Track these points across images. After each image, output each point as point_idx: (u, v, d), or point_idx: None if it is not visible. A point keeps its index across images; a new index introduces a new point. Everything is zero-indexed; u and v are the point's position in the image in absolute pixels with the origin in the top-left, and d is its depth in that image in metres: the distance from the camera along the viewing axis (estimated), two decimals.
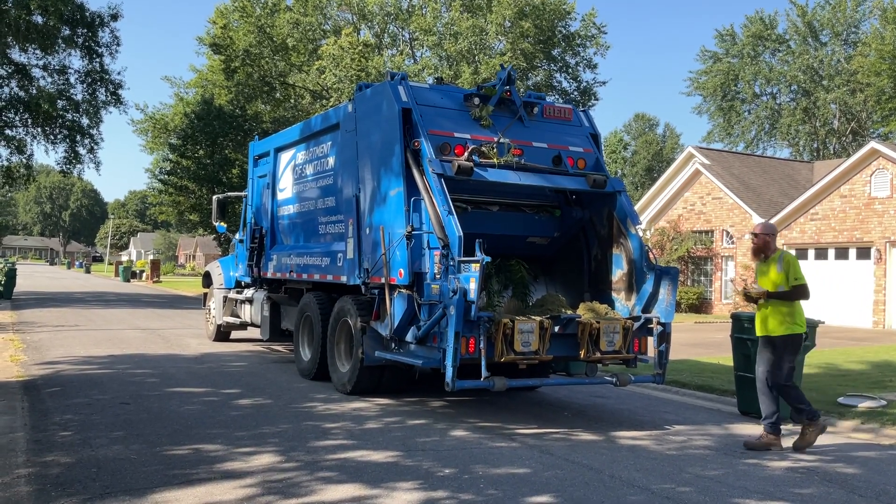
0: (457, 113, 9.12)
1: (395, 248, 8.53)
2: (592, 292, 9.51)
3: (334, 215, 10.39)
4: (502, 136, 8.90)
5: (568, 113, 9.86)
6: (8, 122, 29.66)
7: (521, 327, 7.82)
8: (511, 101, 9.40)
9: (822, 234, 25.48)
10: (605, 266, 9.41)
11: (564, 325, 8.27)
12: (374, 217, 9.07)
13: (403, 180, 8.47)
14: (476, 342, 7.63)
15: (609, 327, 8.36)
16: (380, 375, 9.52)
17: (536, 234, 9.73)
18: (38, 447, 6.91)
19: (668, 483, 6.33)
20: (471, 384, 7.74)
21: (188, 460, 6.57)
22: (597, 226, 9.55)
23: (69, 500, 5.42)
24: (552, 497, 5.81)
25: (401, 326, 8.49)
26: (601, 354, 8.35)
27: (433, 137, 8.59)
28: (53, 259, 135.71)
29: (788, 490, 6.31)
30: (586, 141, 9.74)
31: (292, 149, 11.95)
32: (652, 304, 8.82)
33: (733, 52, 56.05)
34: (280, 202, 12.28)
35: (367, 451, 7.00)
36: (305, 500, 5.52)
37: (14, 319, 20.42)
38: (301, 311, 11.15)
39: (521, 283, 9.49)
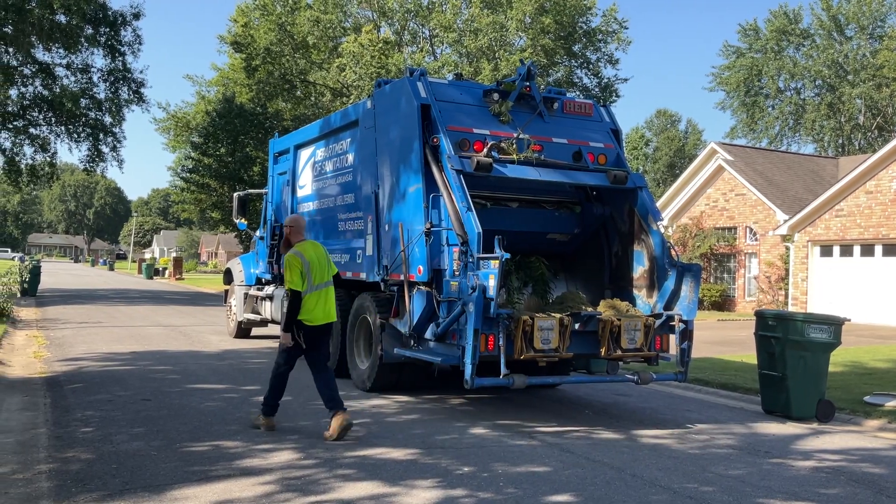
0: (476, 109, 9.04)
1: (413, 244, 8.47)
2: (613, 289, 9.41)
3: (353, 212, 10.40)
4: (522, 132, 8.84)
5: (588, 108, 9.77)
6: (32, 121, 29.96)
7: (541, 324, 7.75)
8: (531, 97, 9.33)
9: (848, 230, 25.14)
10: (626, 263, 9.30)
11: (585, 323, 8.19)
12: (393, 214, 9.03)
13: (422, 177, 8.43)
14: (495, 339, 7.58)
15: (630, 325, 8.26)
16: (399, 372, 9.48)
17: (556, 230, 9.66)
18: (59, 443, 6.94)
19: (690, 482, 6.25)
20: (490, 382, 7.68)
21: (207, 457, 6.57)
22: (617, 222, 9.45)
23: (89, 496, 5.44)
24: (572, 496, 5.74)
25: (420, 323, 8.46)
26: (622, 352, 8.26)
27: (452, 133, 8.52)
28: (78, 256, 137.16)
29: (814, 490, 6.21)
30: (607, 136, 9.64)
31: (312, 146, 11.97)
32: (674, 301, 8.73)
33: (757, 47, 55.48)
34: (300, 199, 12.33)
35: (385, 449, 6.97)
36: (324, 498, 5.50)
37: (38, 316, 20.63)
38: None
39: (541, 280, 9.42)
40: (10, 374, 10.97)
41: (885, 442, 8.32)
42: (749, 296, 30.47)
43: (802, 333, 9.13)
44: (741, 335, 18.98)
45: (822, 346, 9.22)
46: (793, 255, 26.99)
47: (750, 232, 30.61)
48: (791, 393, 9.29)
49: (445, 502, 5.48)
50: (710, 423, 8.91)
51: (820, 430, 8.85)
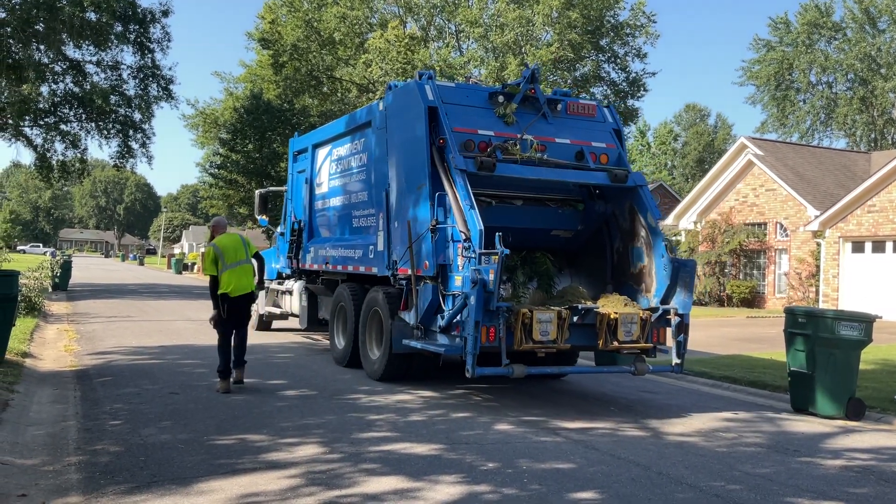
0: (482, 111, 9.36)
1: (420, 240, 8.84)
2: (615, 284, 9.68)
3: (366, 209, 10.75)
4: (525, 133, 9.14)
5: (592, 109, 10.05)
6: (63, 118, 30.35)
7: (540, 317, 8.10)
8: (535, 99, 9.63)
9: (880, 226, 24.75)
10: (627, 258, 9.59)
11: (583, 316, 8.49)
12: (402, 211, 9.38)
13: (429, 176, 8.78)
14: (496, 331, 7.90)
15: (627, 318, 8.56)
16: (408, 363, 9.85)
17: (560, 227, 9.95)
18: (88, 436, 7.03)
19: (717, 481, 6.19)
20: (490, 371, 8.05)
21: (234, 450, 6.62)
22: (619, 219, 9.73)
23: (117, 488, 5.50)
24: (597, 493, 5.71)
25: (426, 316, 8.84)
26: (619, 344, 8.55)
27: (457, 135, 8.86)
28: (108, 252, 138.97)
29: (843, 489, 6.12)
30: (609, 137, 9.91)
31: (328, 145, 12.31)
32: (670, 295, 8.96)
33: (787, 41, 54.77)
34: (317, 196, 12.72)
35: (410, 444, 6.97)
36: (348, 492, 5.52)
37: (69, 310, 20.93)
38: (336, 301, 11.50)
39: (545, 274, 9.71)
40: (42, 367, 11.14)
41: None
42: (779, 292, 30.11)
43: (833, 331, 9.01)
44: (771, 332, 18.78)
45: (853, 344, 9.09)
46: (824, 251, 26.63)
47: (780, 228, 30.24)
48: (821, 391, 9.17)
49: (469, 498, 5.47)
50: (737, 422, 8.82)
51: (850, 428, 8.73)
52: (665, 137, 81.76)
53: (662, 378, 12.04)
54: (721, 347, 15.58)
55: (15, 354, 11.22)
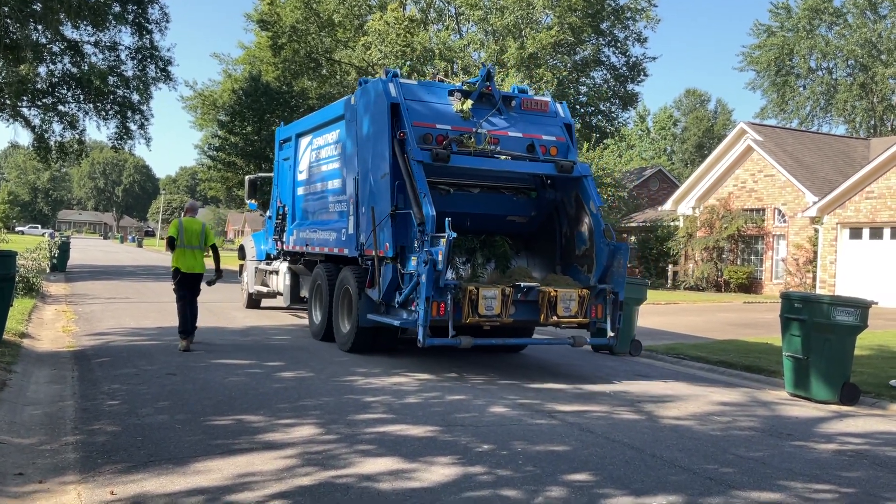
0: (441, 107, 10.22)
1: (383, 225, 9.72)
2: (562, 265, 10.64)
3: (340, 195, 11.66)
4: (480, 127, 10.04)
5: (544, 105, 10.90)
6: (61, 98, 30.25)
7: (485, 293, 8.98)
8: (491, 96, 10.48)
9: (878, 212, 24.77)
10: (573, 242, 10.51)
11: (526, 293, 9.33)
12: (368, 197, 10.26)
13: (390, 166, 9.63)
14: (446, 306, 8.78)
15: (565, 295, 9.42)
16: (374, 336, 10.76)
17: (515, 213, 10.87)
18: (85, 416, 7.06)
19: (711, 464, 6.23)
20: (440, 341, 8.87)
21: (231, 431, 6.65)
22: (567, 206, 10.62)
23: (114, 468, 5.53)
24: (591, 475, 5.75)
25: (388, 293, 9.73)
26: (558, 318, 9.39)
27: (417, 129, 9.72)
28: (107, 233, 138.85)
29: (835, 473, 6.16)
30: (560, 130, 10.75)
31: (309, 135, 13.24)
32: (607, 275, 9.83)
33: (788, 26, 54.54)
34: (299, 182, 13.67)
35: (405, 426, 7.01)
36: (344, 472, 5.55)
37: (67, 291, 20.95)
38: (314, 280, 12.51)
39: (503, 256, 10.65)
40: (39, 347, 11.17)
41: None
42: (776, 278, 30.17)
43: (828, 316, 9.04)
44: (767, 318, 18.83)
45: (848, 329, 9.12)
46: (821, 237, 26.66)
47: (778, 213, 30.26)
48: (815, 376, 9.21)
49: (464, 479, 5.51)
50: (732, 406, 8.87)
51: (844, 413, 8.78)
52: (665, 122, 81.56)
53: (658, 362, 12.09)
54: (717, 332, 15.63)
55: (13, 335, 11.24)
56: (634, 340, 12.58)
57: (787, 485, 5.76)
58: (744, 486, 5.65)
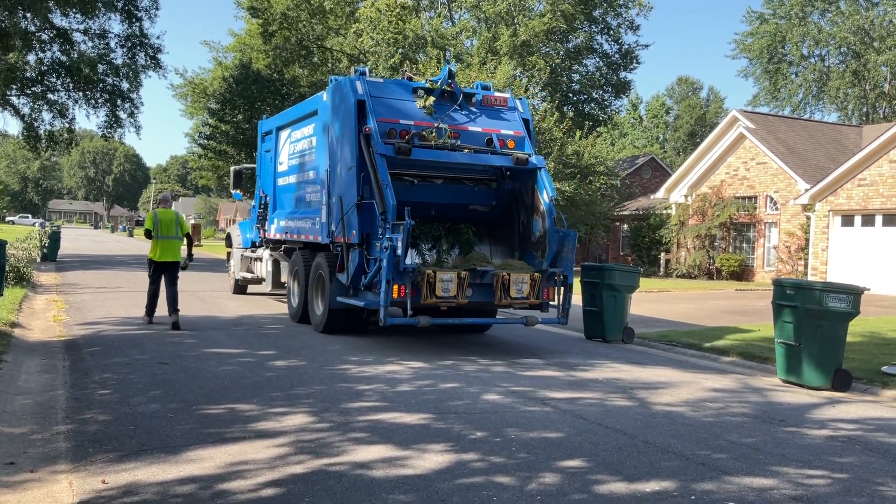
0: (405, 103, 10.85)
1: (349, 213, 10.40)
2: (520, 251, 11.33)
3: (314, 186, 12.32)
4: (441, 122, 10.69)
5: (504, 101, 11.61)
6: (50, 87, 30.03)
7: (442, 277, 9.64)
8: (453, 93, 11.16)
9: (870, 200, 24.83)
10: (529, 229, 11.19)
11: (481, 276, 10.04)
12: (337, 188, 10.94)
13: (356, 159, 10.28)
14: (406, 288, 9.49)
15: (518, 278, 10.12)
16: (345, 318, 11.47)
17: (477, 202, 11.59)
18: (77, 405, 7.03)
19: (703, 450, 6.24)
20: (399, 321, 9.67)
21: (223, 419, 6.63)
22: (524, 196, 11.30)
23: (106, 456, 5.51)
24: (584, 461, 5.75)
25: (355, 277, 10.43)
26: (511, 300, 10.13)
27: (381, 124, 10.37)
28: (97, 223, 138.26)
29: (827, 458, 6.18)
30: (518, 125, 11.43)
31: (288, 128, 13.93)
32: (558, 260, 10.52)
33: (781, 13, 54.48)
34: (280, 173, 14.33)
35: (398, 414, 7.00)
36: (336, 460, 5.54)
37: (58, 281, 20.85)
38: (292, 266, 13.16)
39: (466, 243, 11.33)
40: (30, 337, 11.11)
41: None
42: (768, 266, 30.26)
43: (820, 303, 9.05)
44: (759, 305, 18.89)
45: (840, 316, 9.14)
46: (813, 224, 26.73)
47: (770, 201, 30.31)
48: (808, 362, 9.24)
49: (457, 466, 5.50)
50: (724, 392, 8.89)
51: (836, 399, 8.81)
52: (657, 111, 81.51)
53: (650, 349, 12.12)
54: (709, 319, 15.67)
55: (3, 324, 11.18)
56: (627, 328, 12.60)
57: (779, 470, 5.77)
58: (736, 472, 5.66)
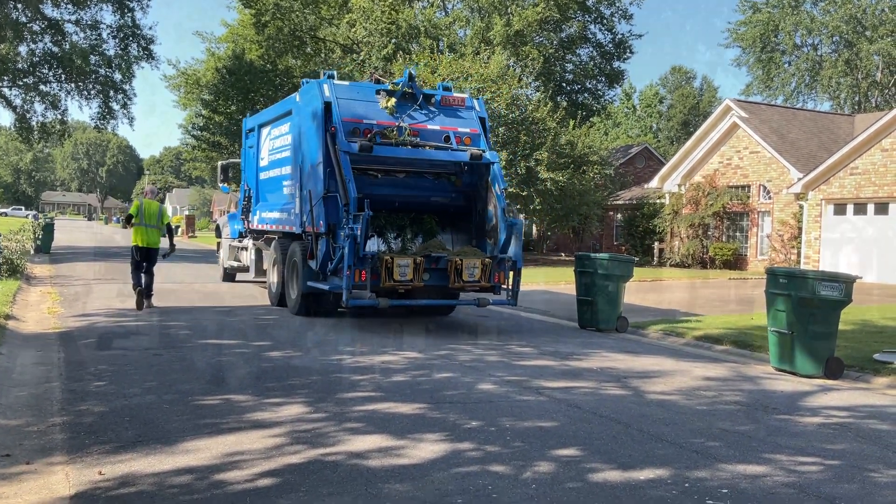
0: (368, 104, 11.80)
1: (317, 205, 11.27)
2: (477, 239, 12.28)
3: (289, 180, 13.16)
4: (402, 122, 11.66)
5: (461, 101, 12.56)
6: (42, 78, 29.90)
7: (399, 262, 10.46)
8: (413, 94, 12.12)
9: (862, 188, 24.91)
10: (484, 219, 12.10)
11: (436, 262, 10.89)
12: (307, 182, 11.85)
13: (323, 156, 11.23)
14: (367, 273, 10.35)
15: (470, 264, 10.98)
16: (316, 301, 12.38)
17: (438, 195, 12.58)
18: (72, 396, 7.04)
19: (697, 438, 6.28)
20: (361, 302, 10.79)
21: (218, 410, 6.65)
22: (480, 189, 12.26)
23: (102, 448, 5.52)
24: (579, 450, 5.79)
25: (323, 263, 11.33)
26: (464, 283, 10.99)
27: (346, 124, 11.31)
28: (91, 214, 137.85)
29: (820, 446, 6.23)
30: (475, 123, 12.39)
31: (269, 126, 14.81)
32: (507, 247, 11.42)
33: (773, 2, 54.45)
34: (261, 168, 15.19)
35: (394, 403, 7.03)
36: (332, 450, 5.57)
37: (52, 273, 20.81)
38: (272, 254, 13.97)
39: (429, 232, 12.21)
40: (25, 329, 11.11)
41: (892, 399, 8.32)
42: (761, 255, 30.35)
43: (813, 291, 9.10)
44: (752, 294, 18.96)
45: (833, 304, 9.20)
46: (806, 213, 26.81)
47: (763, 190, 30.38)
48: (800, 350, 9.29)
49: (453, 455, 5.53)
50: (717, 380, 8.94)
51: (828, 387, 8.87)
52: (650, 100, 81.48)
53: (644, 339, 12.18)
54: (703, 308, 15.73)
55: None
56: (621, 317, 12.65)
57: (772, 458, 5.82)
58: (730, 460, 5.71)
